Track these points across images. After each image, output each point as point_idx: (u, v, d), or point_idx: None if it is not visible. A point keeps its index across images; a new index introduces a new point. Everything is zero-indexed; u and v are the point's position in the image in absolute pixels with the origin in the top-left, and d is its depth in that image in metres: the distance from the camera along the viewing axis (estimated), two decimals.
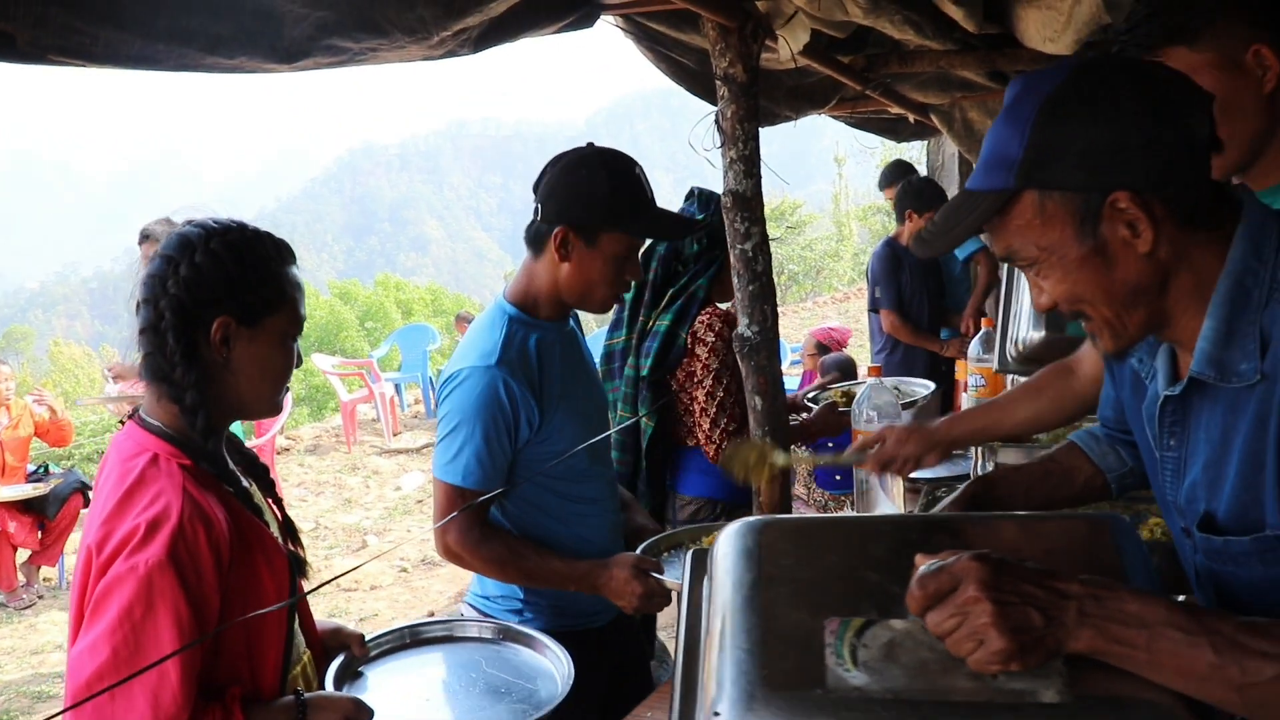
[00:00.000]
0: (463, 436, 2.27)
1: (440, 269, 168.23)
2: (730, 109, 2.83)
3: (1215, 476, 1.29)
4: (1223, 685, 1.05)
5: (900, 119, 5.99)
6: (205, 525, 1.59)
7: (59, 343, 42.16)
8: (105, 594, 1.53)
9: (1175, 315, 1.29)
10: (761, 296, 2.85)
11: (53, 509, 6.85)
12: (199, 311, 1.68)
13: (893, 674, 1.08)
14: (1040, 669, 1.07)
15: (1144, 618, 1.06)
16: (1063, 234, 1.25)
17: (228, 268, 1.69)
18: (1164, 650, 1.05)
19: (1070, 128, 1.22)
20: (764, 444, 2.51)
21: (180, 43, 1.75)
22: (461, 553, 2.30)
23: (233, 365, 1.72)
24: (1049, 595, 1.07)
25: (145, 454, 1.66)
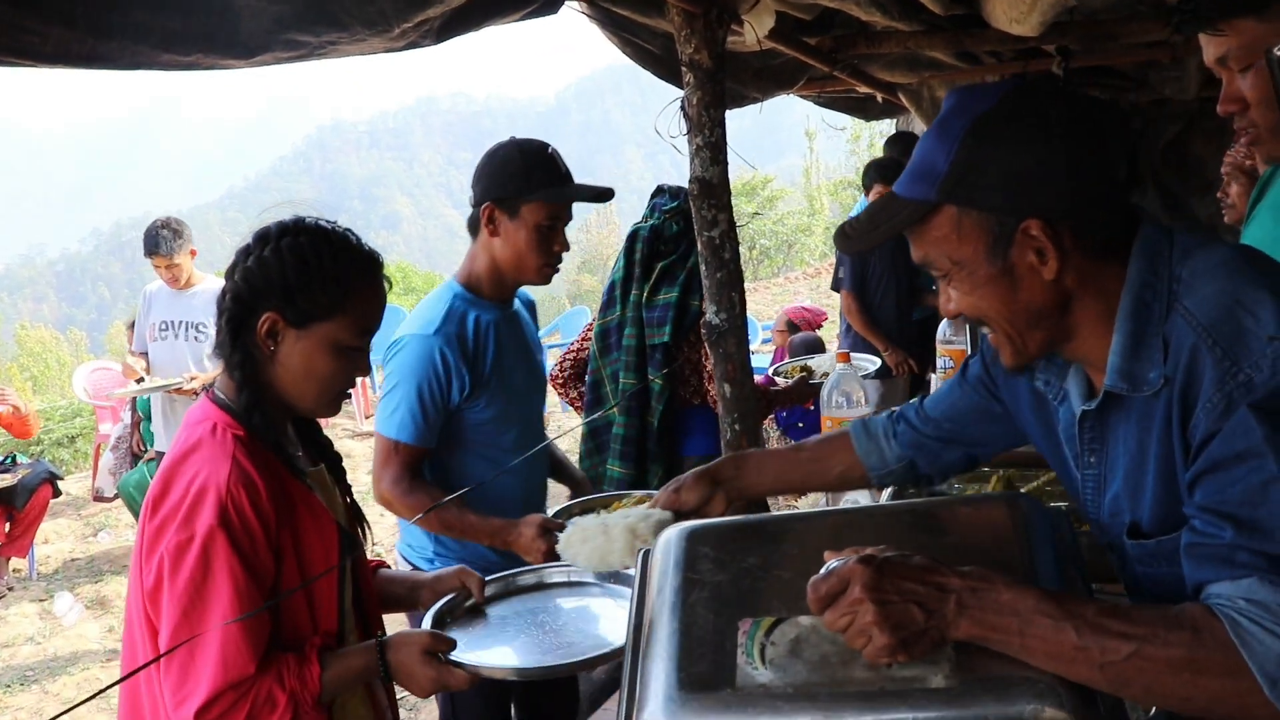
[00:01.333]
0: (399, 395, 2.52)
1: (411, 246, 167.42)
2: (696, 95, 2.82)
3: (1136, 485, 1.35)
4: (1086, 665, 1.12)
5: (869, 98, 6.00)
6: (249, 489, 1.70)
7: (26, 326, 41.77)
8: (170, 562, 1.66)
9: (1082, 336, 1.35)
10: (729, 283, 2.85)
11: (21, 499, 6.77)
12: (253, 302, 1.79)
13: (796, 669, 1.18)
14: (931, 657, 1.16)
15: (1016, 607, 1.15)
16: (975, 251, 1.30)
17: (286, 267, 1.78)
18: (1034, 635, 1.14)
19: (994, 151, 1.27)
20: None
21: (133, 39, 1.71)
22: (391, 499, 2.53)
23: (278, 359, 1.81)
24: (929, 590, 1.17)
25: (207, 422, 1.78)
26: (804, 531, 1.53)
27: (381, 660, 1.81)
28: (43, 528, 7.29)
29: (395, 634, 1.86)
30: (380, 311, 1.89)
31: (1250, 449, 1.14)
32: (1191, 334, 1.22)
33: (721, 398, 2.92)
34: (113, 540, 7.79)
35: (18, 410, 7.03)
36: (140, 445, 7.02)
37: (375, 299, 1.87)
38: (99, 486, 7.46)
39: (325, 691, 1.74)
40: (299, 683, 1.71)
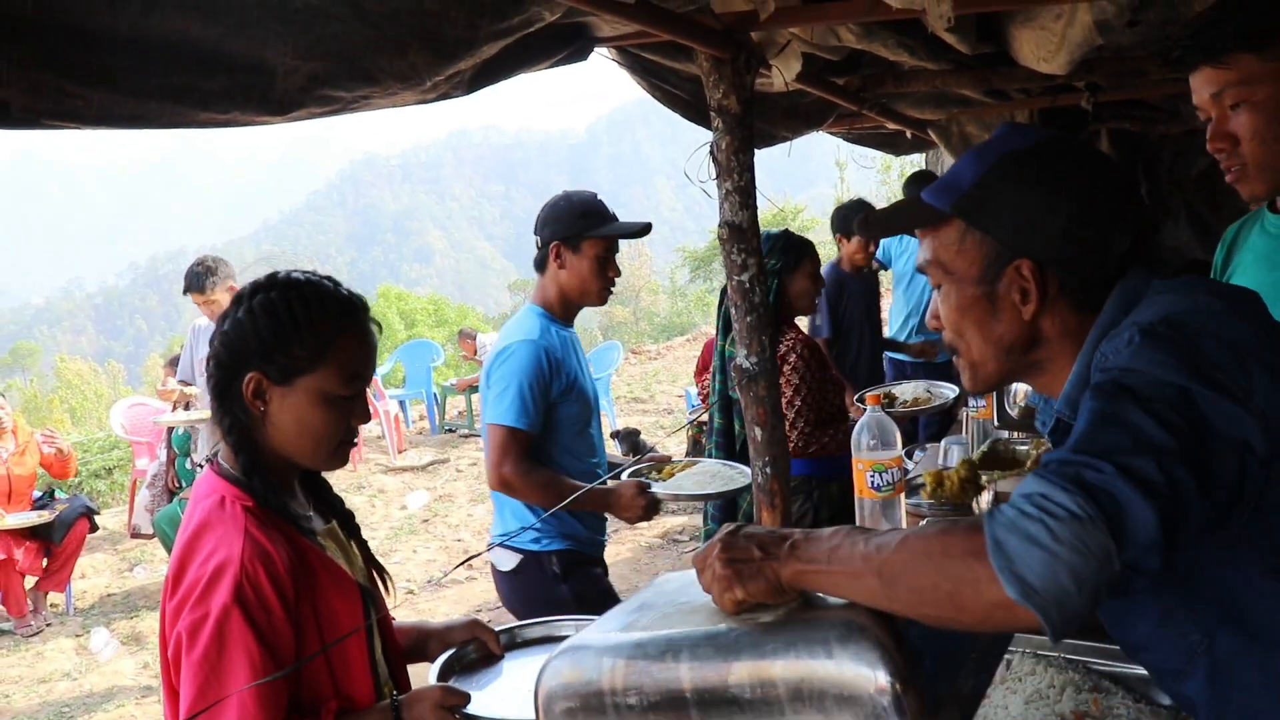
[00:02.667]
0: (514, 390, 3.00)
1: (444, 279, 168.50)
2: (725, 140, 2.84)
3: None
4: (870, 575, 1.15)
5: (898, 134, 6.00)
6: (266, 563, 1.67)
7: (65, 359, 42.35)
8: (186, 640, 1.64)
9: (1054, 373, 1.40)
10: (759, 327, 2.85)
11: (59, 535, 6.86)
12: (234, 365, 1.77)
13: (668, 624, 1.30)
14: (776, 605, 1.25)
15: (831, 540, 1.21)
16: (969, 269, 1.38)
17: (260, 327, 1.75)
18: (837, 558, 1.19)
19: (1013, 186, 1.35)
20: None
21: (173, 100, 1.75)
22: (513, 480, 3.00)
23: (269, 419, 1.78)
24: (771, 539, 1.26)
25: (214, 495, 1.75)
26: None
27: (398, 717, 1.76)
28: (80, 562, 7.37)
29: (410, 692, 1.82)
30: (370, 356, 1.84)
31: (1082, 409, 1.19)
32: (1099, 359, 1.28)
33: (752, 441, 2.91)
34: (148, 575, 7.85)
35: (60, 452, 7.14)
36: (176, 482, 7.10)
37: (360, 345, 1.82)
38: (135, 523, 7.55)
39: None
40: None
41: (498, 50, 2.37)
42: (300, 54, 1.91)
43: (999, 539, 1.05)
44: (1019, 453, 3.12)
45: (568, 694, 1.29)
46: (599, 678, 1.27)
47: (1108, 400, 1.15)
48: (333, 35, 1.96)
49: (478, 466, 10.72)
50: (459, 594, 6.96)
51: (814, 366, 3.80)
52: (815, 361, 3.82)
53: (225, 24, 1.79)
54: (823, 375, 3.84)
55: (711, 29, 2.75)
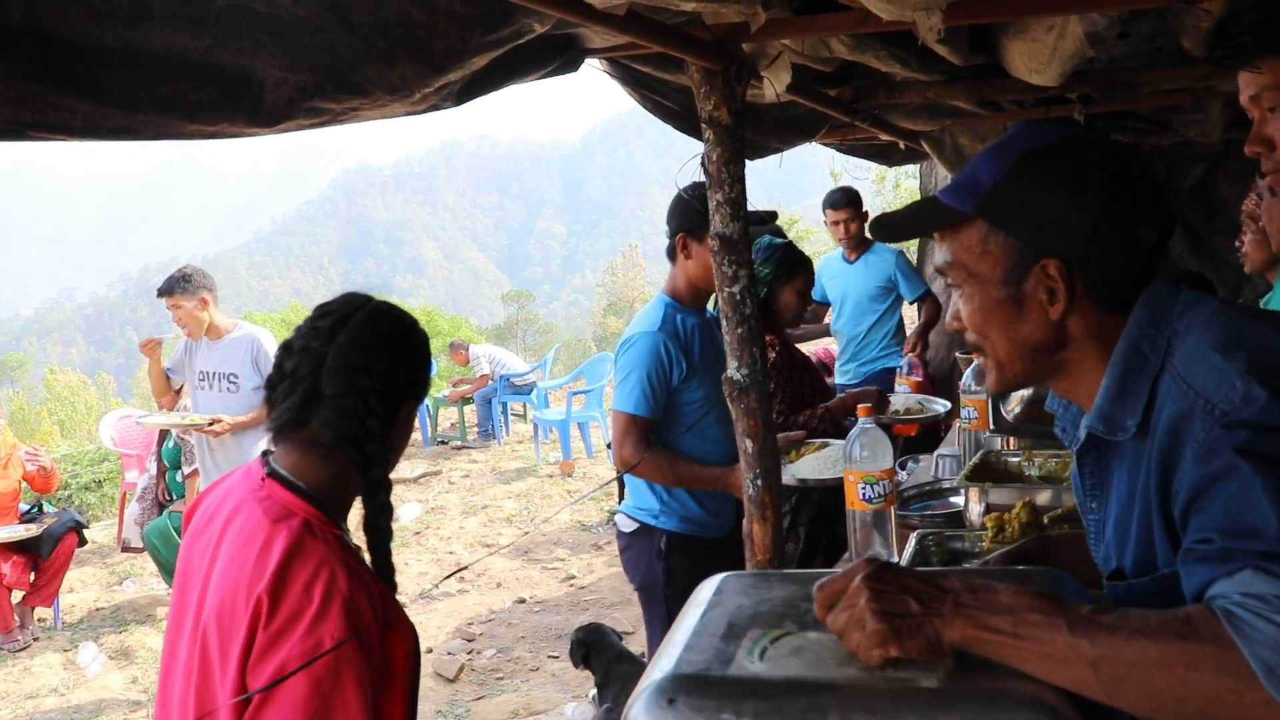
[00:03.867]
0: (635, 379, 3.25)
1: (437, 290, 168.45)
2: (715, 152, 2.82)
3: (1123, 534, 1.36)
4: (1079, 663, 1.09)
5: (891, 145, 6.00)
6: (367, 595, 1.64)
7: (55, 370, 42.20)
8: (289, 667, 1.56)
9: (1078, 378, 1.39)
10: (750, 339, 2.84)
11: (46, 549, 6.82)
12: (392, 395, 1.79)
13: (790, 666, 1.18)
14: (929, 663, 1.14)
15: (1011, 605, 1.14)
16: (993, 271, 1.36)
17: (416, 358, 1.87)
18: (1028, 634, 1.11)
19: (1036, 186, 1.33)
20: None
21: (160, 112, 1.74)
22: (632, 461, 3.25)
23: (395, 445, 1.86)
24: (928, 588, 1.18)
25: (298, 518, 1.69)
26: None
27: None
28: (68, 576, 7.33)
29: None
30: None
31: (1224, 466, 1.13)
32: (1174, 385, 1.24)
33: (743, 453, 2.90)
34: (137, 589, 7.81)
35: (44, 470, 7.10)
36: (166, 495, 7.07)
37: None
38: (125, 537, 7.51)
39: None
40: None
41: (487, 62, 2.36)
42: (289, 66, 1.89)
43: (1270, 664, 1.02)
44: (1010, 465, 3.11)
45: None
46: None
47: (1270, 473, 1.10)
48: (321, 47, 1.95)
49: (470, 479, 10.70)
50: (450, 607, 6.93)
51: (785, 362, 3.89)
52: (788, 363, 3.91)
53: (213, 36, 1.77)
54: (795, 376, 3.90)
55: (702, 40, 2.74)
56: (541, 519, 8.95)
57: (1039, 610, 1.12)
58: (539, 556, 7.97)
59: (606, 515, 8.86)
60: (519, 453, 11.84)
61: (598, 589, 7.07)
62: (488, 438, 12.48)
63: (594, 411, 11.29)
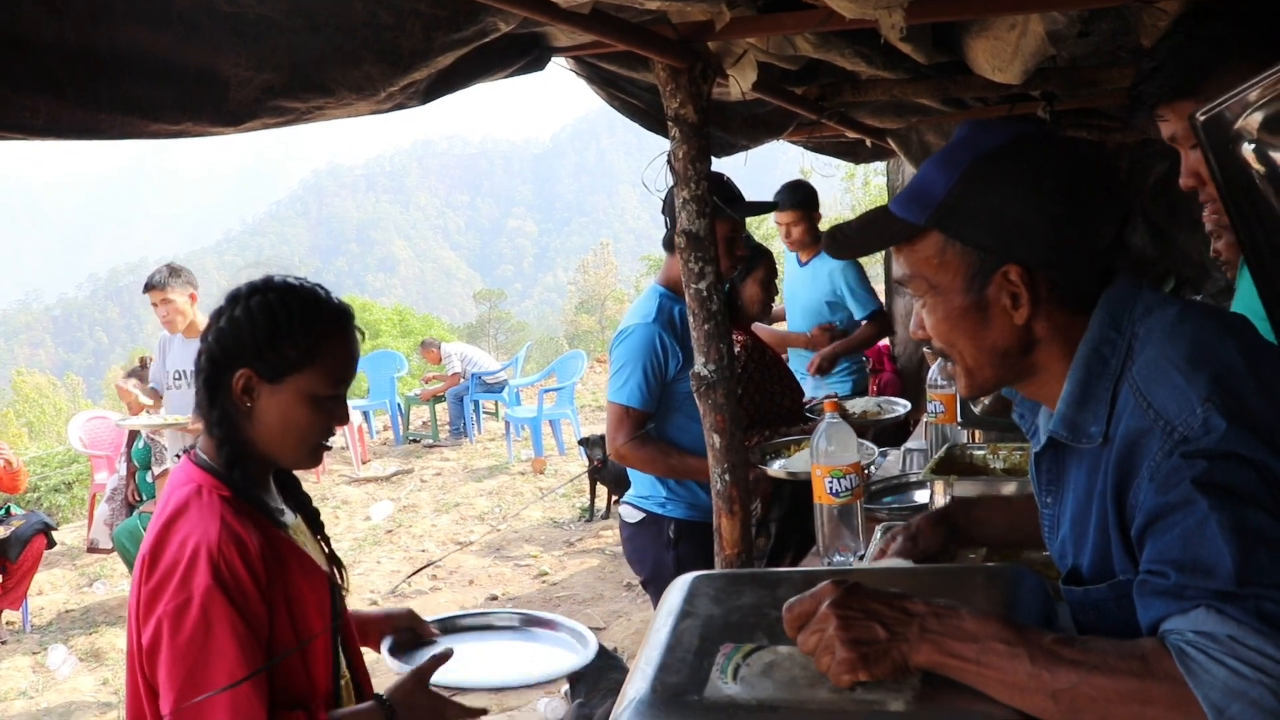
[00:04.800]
0: (629, 371, 3.27)
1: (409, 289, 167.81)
2: (681, 149, 2.84)
3: (1080, 533, 1.36)
4: (1039, 693, 1.12)
5: (858, 143, 6.04)
6: (239, 547, 1.72)
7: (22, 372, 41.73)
8: (170, 624, 1.68)
9: (1043, 379, 1.38)
10: (716, 335, 2.86)
11: (14, 551, 6.74)
12: (226, 361, 1.83)
13: (764, 686, 1.21)
14: (896, 685, 1.17)
15: (976, 633, 1.16)
16: (953, 281, 1.34)
17: (256, 325, 1.82)
18: (991, 663, 1.14)
19: (990, 191, 1.30)
20: None
21: (123, 111, 1.74)
22: (626, 454, 3.29)
23: (255, 415, 1.84)
24: (894, 613, 1.19)
25: (191, 484, 1.82)
26: (802, 584, 1.56)
27: (390, 714, 1.82)
28: (38, 579, 7.25)
29: (390, 686, 1.88)
30: (353, 361, 1.92)
31: (1181, 497, 1.15)
32: (1133, 398, 1.24)
33: (710, 449, 2.92)
34: (107, 591, 7.75)
35: (9, 464, 7.02)
36: (136, 495, 7.02)
37: (346, 349, 1.90)
38: (94, 538, 7.44)
39: None
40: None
41: (453, 60, 2.37)
42: (253, 65, 1.90)
43: (1219, 707, 1.06)
44: (975, 458, 3.15)
45: None
46: None
47: (1226, 508, 1.12)
48: (286, 47, 1.95)
49: (442, 476, 10.69)
50: (423, 604, 6.92)
51: (755, 368, 3.85)
52: (758, 362, 3.87)
53: (176, 34, 1.78)
54: (764, 375, 3.88)
55: (667, 39, 2.76)
56: (511, 514, 8.95)
57: (1002, 640, 1.15)
58: (511, 554, 7.97)
59: (578, 512, 8.87)
60: (491, 450, 11.82)
61: (569, 585, 7.08)
62: (459, 436, 12.47)
63: (566, 409, 11.29)
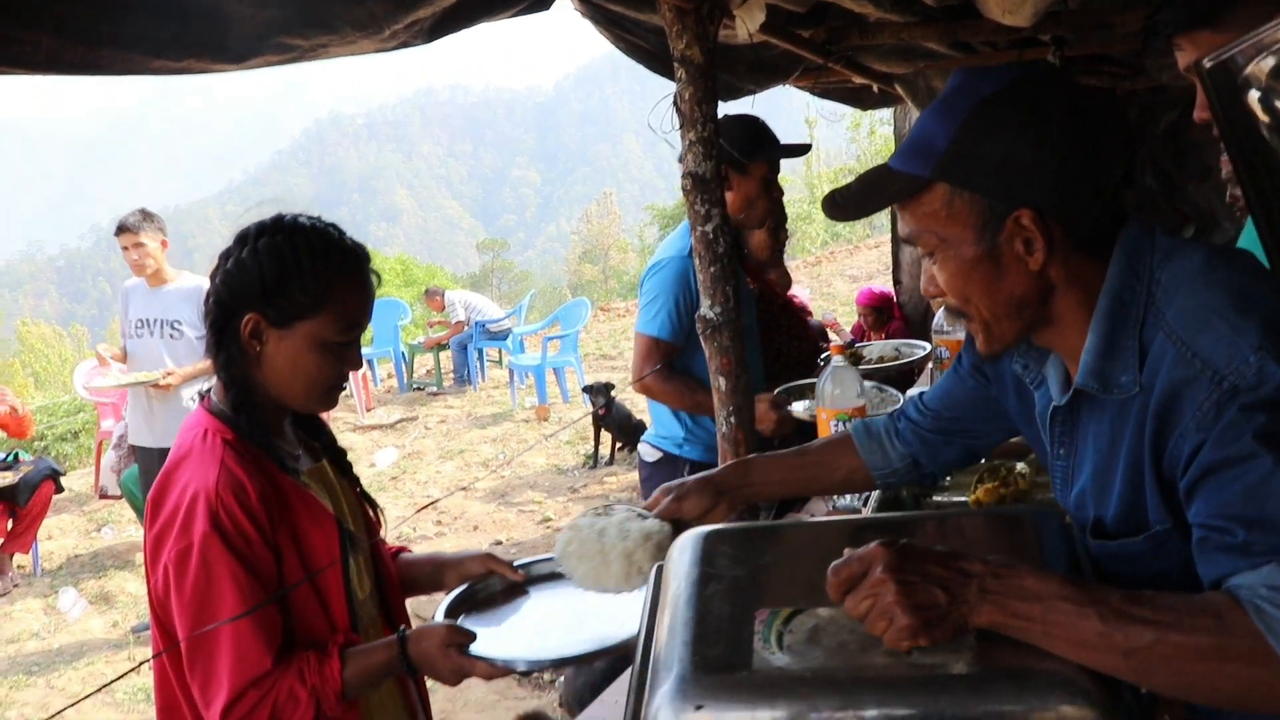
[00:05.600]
0: (660, 303, 3.26)
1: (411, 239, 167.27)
2: (688, 91, 2.82)
3: (1104, 484, 1.35)
4: (1110, 652, 1.11)
5: (865, 88, 5.98)
6: (238, 492, 1.70)
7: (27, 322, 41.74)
8: (174, 571, 1.69)
9: (1060, 328, 1.36)
10: (723, 277, 2.85)
11: (23, 496, 6.81)
12: (234, 304, 1.79)
13: (814, 655, 1.16)
14: (953, 645, 1.14)
15: (1039, 592, 1.14)
16: (963, 232, 1.31)
17: (264, 268, 1.77)
18: (1057, 622, 1.12)
19: (995, 136, 1.26)
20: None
21: (125, 47, 1.73)
22: (652, 385, 3.29)
23: (264, 360, 1.81)
24: (952, 574, 1.16)
25: (198, 428, 1.80)
26: (821, 535, 1.54)
27: (404, 654, 1.79)
28: (46, 524, 7.33)
29: (416, 628, 1.85)
30: (366, 306, 1.86)
31: (1242, 450, 1.13)
32: (1172, 347, 1.23)
33: (716, 391, 2.93)
34: (115, 536, 7.82)
35: (14, 410, 7.05)
36: None
37: (359, 294, 1.84)
38: (102, 484, 7.50)
39: (348, 688, 1.74)
40: (320, 679, 1.71)
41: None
42: (256, 1, 1.88)
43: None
44: None
45: None
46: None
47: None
48: None
49: (446, 424, 10.73)
50: (427, 549, 6.97)
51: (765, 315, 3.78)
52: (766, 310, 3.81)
53: None
54: (773, 323, 3.82)
55: None
56: (515, 458, 8.98)
57: (1067, 598, 1.13)
58: (515, 500, 8.02)
59: (582, 459, 8.91)
60: (495, 398, 11.86)
61: None
62: (463, 383, 12.50)
63: (569, 356, 11.30)
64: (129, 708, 5.14)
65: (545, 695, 4.78)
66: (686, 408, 3.34)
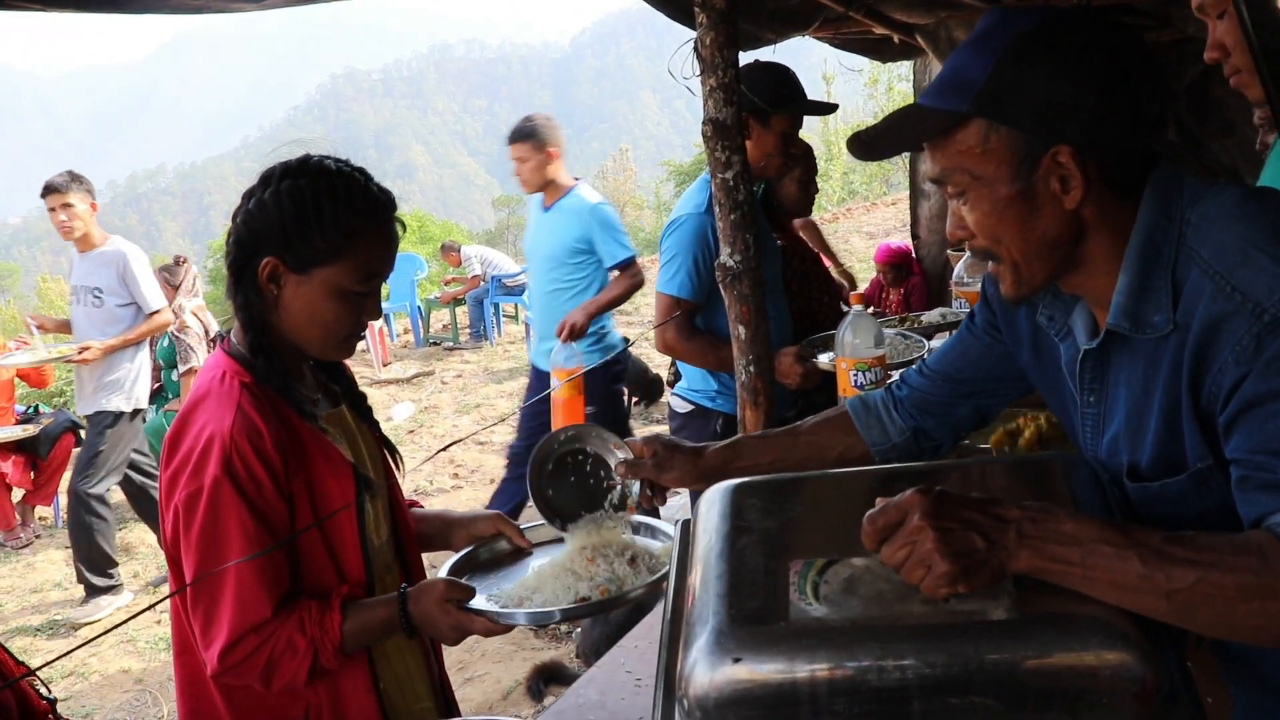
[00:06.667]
0: (680, 261, 3.22)
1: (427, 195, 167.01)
2: (709, 36, 2.78)
3: (1137, 427, 1.34)
4: (1152, 594, 1.10)
5: (885, 39, 5.90)
6: (252, 437, 1.69)
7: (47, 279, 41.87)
8: (183, 514, 1.69)
9: (1089, 271, 1.34)
10: (743, 225, 2.83)
11: (44, 449, 6.87)
12: (254, 246, 1.76)
13: (851, 605, 1.15)
14: (990, 591, 1.14)
15: (1078, 536, 1.13)
16: (998, 169, 1.28)
17: (284, 212, 1.73)
18: (1097, 565, 1.11)
19: (1034, 72, 1.25)
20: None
21: None
22: (674, 344, 3.28)
23: (281, 304, 1.78)
24: (989, 520, 1.15)
25: (216, 370, 1.78)
26: (851, 485, 1.53)
27: (404, 612, 1.78)
28: (66, 476, 7.37)
29: (415, 585, 1.84)
30: (389, 255, 1.82)
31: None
32: (1209, 282, 1.21)
33: (735, 340, 2.91)
34: None
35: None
36: (161, 393, 7.09)
37: (381, 243, 1.80)
38: None
39: (347, 641, 1.73)
40: (319, 630, 1.71)
41: None
42: None
43: None
44: None
45: (746, 701, 1.09)
46: (793, 680, 1.08)
47: None
48: None
49: (463, 379, 10.75)
50: (445, 501, 7.03)
51: (797, 267, 3.75)
52: (798, 262, 3.78)
53: None
54: (805, 276, 3.78)
55: None
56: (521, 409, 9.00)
57: (1107, 541, 1.12)
58: None
59: None
60: (511, 353, 11.86)
61: None
62: (480, 338, 12.50)
63: None
64: (150, 656, 5.20)
65: (562, 646, 4.81)
66: (711, 365, 3.32)
